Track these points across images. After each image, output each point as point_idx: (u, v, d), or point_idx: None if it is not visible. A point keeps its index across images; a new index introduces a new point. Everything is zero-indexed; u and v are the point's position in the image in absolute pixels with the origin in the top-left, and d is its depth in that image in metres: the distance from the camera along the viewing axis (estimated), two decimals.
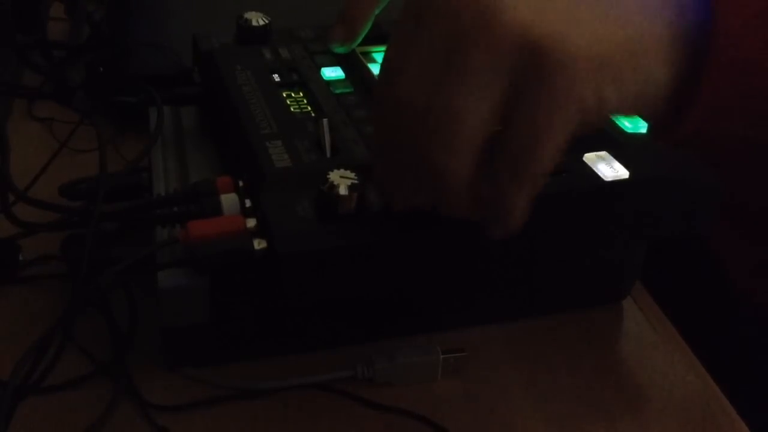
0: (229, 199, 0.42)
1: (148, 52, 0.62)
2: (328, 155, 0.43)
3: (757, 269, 0.57)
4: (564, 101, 0.32)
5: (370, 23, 0.51)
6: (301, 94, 0.49)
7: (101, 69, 0.60)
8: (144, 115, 0.53)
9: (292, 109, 0.47)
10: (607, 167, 0.43)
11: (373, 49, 0.53)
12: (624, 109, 0.34)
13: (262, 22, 0.53)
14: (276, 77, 0.50)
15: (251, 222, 0.40)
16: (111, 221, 0.44)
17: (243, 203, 0.41)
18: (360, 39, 0.52)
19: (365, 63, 0.52)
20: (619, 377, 0.47)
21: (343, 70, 0.51)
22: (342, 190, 0.39)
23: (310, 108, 0.47)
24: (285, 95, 0.48)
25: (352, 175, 0.39)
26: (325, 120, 0.44)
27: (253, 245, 0.39)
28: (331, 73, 0.51)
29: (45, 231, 0.46)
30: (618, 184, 0.42)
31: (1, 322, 0.47)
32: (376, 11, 0.51)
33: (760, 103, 0.33)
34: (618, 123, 0.46)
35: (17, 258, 0.50)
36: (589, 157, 0.43)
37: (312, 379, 0.44)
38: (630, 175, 0.42)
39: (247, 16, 0.54)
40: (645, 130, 0.46)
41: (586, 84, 0.32)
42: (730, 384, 0.47)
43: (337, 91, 0.49)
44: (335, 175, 0.39)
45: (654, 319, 0.51)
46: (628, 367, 0.48)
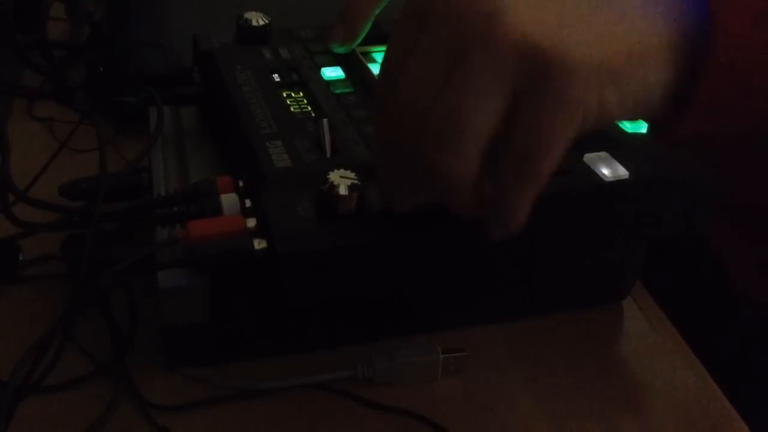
0: (229, 199, 0.42)
1: (148, 52, 0.62)
2: (328, 155, 0.43)
3: (757, 269, 0.57)
4: (566, 104, 0.32)
5: (370, 23, 0.51)
6: (301, 94, 0.49)
7: (101, 69, 0.60)
8: (144, 115, 0.53)
9: (292, 109, 0.47)
10: (607, 167, 0.43)
11: (373, 49, 0.53)
12: (625, 110, 0.34)
13: (262, 22, 0.53)
14: (276, 77, 0.50)
15: (251, 222, 0.40)
16: (111, 221, 0.44)
17: (243, 203, 0.41)
18: (360, 39, 0.52)
19: (365, 63, 0.52)
20: (619, 377, 0.47)
21: (343, 70, 0.51)
22: (342, 190, 0.39)
23: (310, 108, 0.47)
24: (285, 95, 0.48)
25: (352, 175, 0.39)
26: (325, 120, 0.44)
27: (253, 245, 0.39)
28: (331, 73, 0.51)
29: (45, 231, 0.46)
30: (618, 184, 0.42)
31: (1, 322, 0.47)
32: (377, 11, 0.51)
33: (759, 102, 0.34)
34: (618, 123, 0.46)
35: (17, 258, 0.50)
36: (589, 157, 0.43)
37: (312, 379, 0.44)
38: (630, 175, 0.42)
39: (247, 16, 0.54)
40: (645, 130, 0.46)
41: (588, 87, 0.32)
42: (730, 384, 0.47)
43: (337, 91, 0.49)
44: (335, 175, 0.39)
45: (654, 319, 0.51)
46: (628, 367, 0.48)
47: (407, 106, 0.34)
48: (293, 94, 0.49)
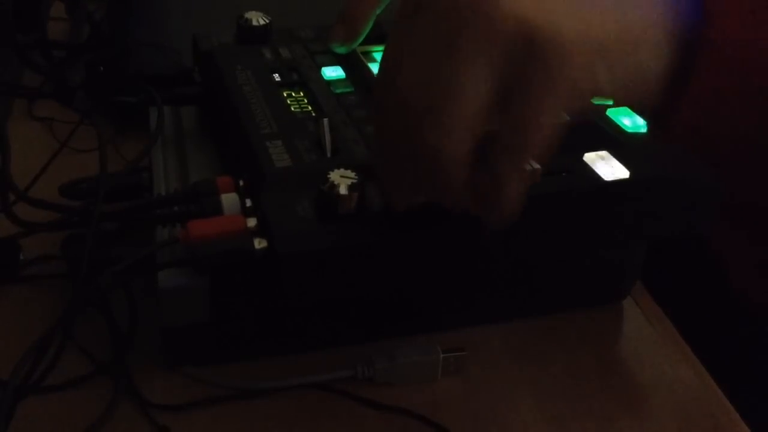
0: (229, 199, 0.42)
1: (148, 52, 0.62)
2: (329, 155, 0.43)
3: (757, 269, 0.57)
4: (558, 84, 0.32)
5: (370, 23, 0.51)
6: (301, 94, 0.49)
7: (101, 69, 0.60)
8: (144, 115, 0.53)
9: (293, 108, 0.47)
10: (607, 167, 0.43)
11: (373, 49, 0.53)
12: (618, 95, 0.34)
13: (262, 22, 0.53)
14: (276, 77, 0.50)
15: (251, 222, 0.40)
16: (111, 221, 0.44)
17: (243, 203, 0.41)
18: (361, 39, 0.52)
19: (366, 63, 0.52)
20: (619, 377, 0.47)
21: (344, 70, 0.51)
22: (342, 190, 0.39)
23: (310, 108, 0.47)
24: (285, 95, 0.48)
25: (353, 174, 0.39)
26: (325, 120, 0.44)
27: (253, 245, 0.39)
28: (332, 72, 0.51)
29: (45, 231, 0.46)
30: (618, 184, 0.42)
31: (1, 322, 0.47)
32: (377, 11, 0.51)
33: (753, 90, 0.34)
34: (618, 123, 0.46)
35: (18, 257, 0.50)
36: (589, 157, 0.43)
37: (312, 379, 0.44)
38: (630, 175, 0.42)
39: (248, 15, 0.54)
40: (645, 130, 0.46)
41: (580, 68, 0.32)
42: (730, 384, 0.47)
43: (337, 91, 0.49)
44: (335, 175, 0.39)
45: (654, 319, 0.51)
46: (628, 367, 0.48)
47: (404, 99, 0.34)
48: (293, 94, 0.49)
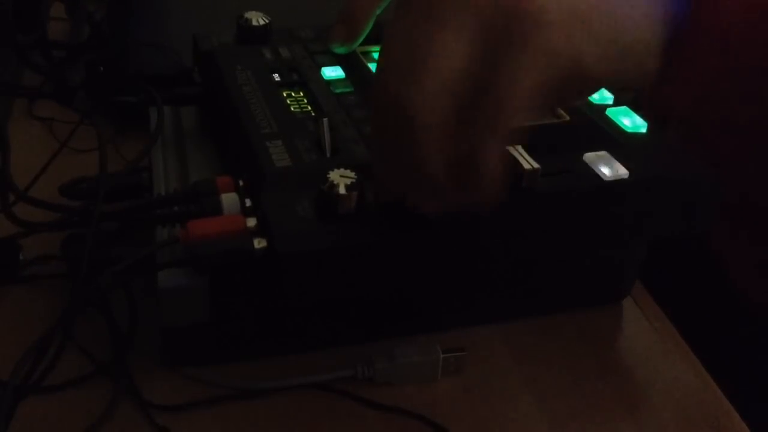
0: (229, 199, 0.42)
1: (148, 52, 0.62)
2: (328, 155, 0.43)
3: (757, 269, 0.57)
4: (537, 50, 0.32)
5: (371, 23, 0.51)
6: (301, 94, 0.49)
7: (101, 69, 0.60)
8: (144, 115, 0.53)
9: (293, 108, 0.47)
10: (607, 167, 0.43)
11: (373, 49, 0.53)
12: (605, 71, 0.34)
13: (262, 22, 0.53)
14: (276, 77, 0.50)
15: (251, 221, 0.40)
16: (111, 221, 0.44)
17: (243, 203, 0.41)
18: (361, 39, 0.52)
19: (365, 63, 0.52)
20: (619, 377, 0.47)
21: (344, 70, 0.51)
22: (342, 190, 0.39)
23: (310, 108, 0.47)
24: (285, 95, 0.48)
25: (352, 174, 0.39)
26: (325, 120, 0.44)
27: (253, 245, 0.39)
28: (332, 72, 0.51)
29: (45, 231, 0.46)
30: (618, 184, 0.42)
31: (1, 322, 0.47)
32: (377, 11, 0.51)
33: (744, 71, 0.34)
34: (618, 123, 0.46)
35: (17, 257, 0.50)
36: (589, 157, 0.43)
37: (312, 379, 0.44)
38: (630, 175, 0.42)
39: (247, 16, 0.54)
40: (645, 130, 0.46)
41: (560, 39, 0.32)
42: (730, 384, 0.47)
43: (337, 91, 0.49)
44: (335, 175, 0.39)
45: (654, 319, 0.51)
46: (628, 367, 0.48)
47: (388, 81, 0.34)
48: (293, 94, 0.49)
